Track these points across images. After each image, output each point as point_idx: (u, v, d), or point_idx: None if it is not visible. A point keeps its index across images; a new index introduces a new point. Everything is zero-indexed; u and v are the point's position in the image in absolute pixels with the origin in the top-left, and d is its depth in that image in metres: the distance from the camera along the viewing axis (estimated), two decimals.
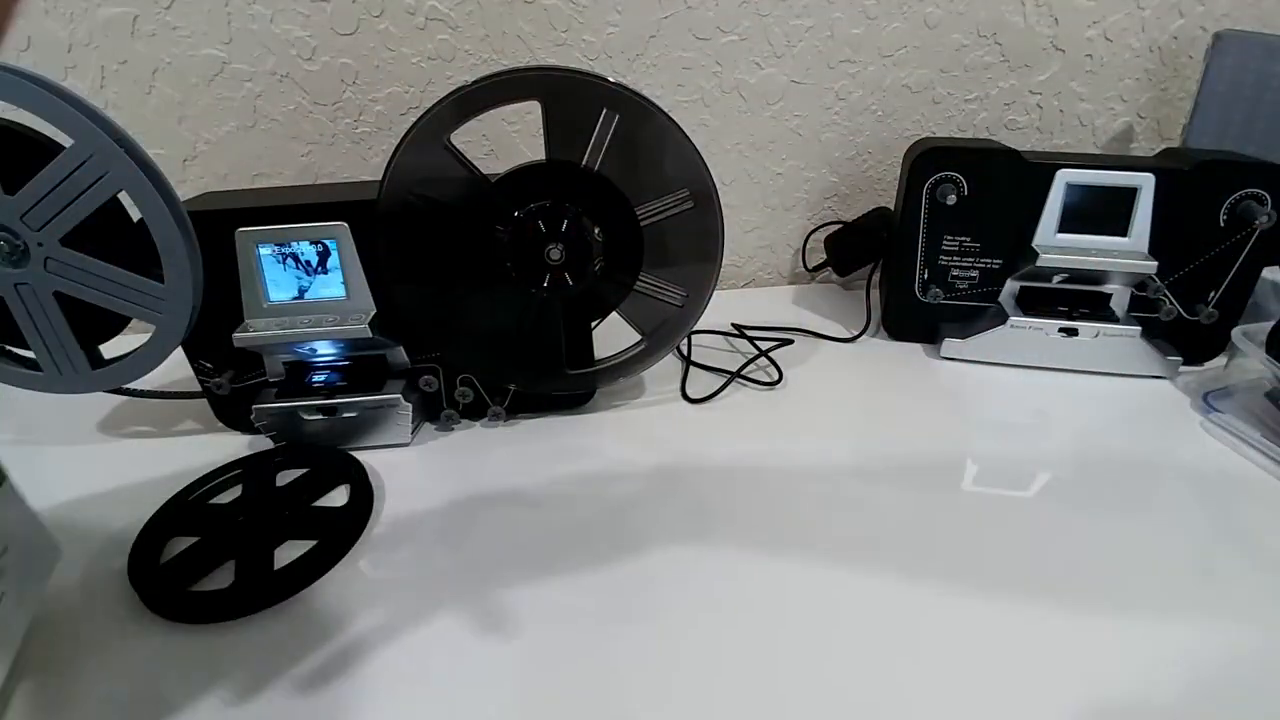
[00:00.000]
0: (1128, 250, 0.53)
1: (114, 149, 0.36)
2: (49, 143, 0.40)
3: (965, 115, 0.70)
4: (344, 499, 0.45)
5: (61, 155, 0.37)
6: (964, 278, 0.59)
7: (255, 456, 0.48)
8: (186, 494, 0.45)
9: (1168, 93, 0.71)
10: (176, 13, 0.57)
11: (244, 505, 0.44)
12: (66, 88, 0.36)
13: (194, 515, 0.44)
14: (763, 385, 0.57)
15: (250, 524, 0.42)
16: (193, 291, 0.41)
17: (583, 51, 0.62)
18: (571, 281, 0.47)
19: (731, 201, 0.71)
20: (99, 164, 0.37)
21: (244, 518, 0.43)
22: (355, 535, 0.42)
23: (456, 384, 0.51)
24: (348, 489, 0.45)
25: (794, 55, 0.65)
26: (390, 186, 0.44)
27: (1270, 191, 0.51)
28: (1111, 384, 0.56)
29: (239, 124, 0.62)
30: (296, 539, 0.41)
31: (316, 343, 0.47)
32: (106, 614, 0.37)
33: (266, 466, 0.47)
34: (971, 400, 0.56)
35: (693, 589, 0.39)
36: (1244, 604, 0.37)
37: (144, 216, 0.39)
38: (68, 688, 0.34)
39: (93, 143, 0.36)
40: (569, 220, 0.45)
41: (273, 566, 0.39)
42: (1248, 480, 0.46)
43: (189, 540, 0.41)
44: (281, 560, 0.40)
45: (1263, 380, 0.52)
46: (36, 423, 0.54)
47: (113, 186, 0.38)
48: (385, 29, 0.59)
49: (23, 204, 0.38)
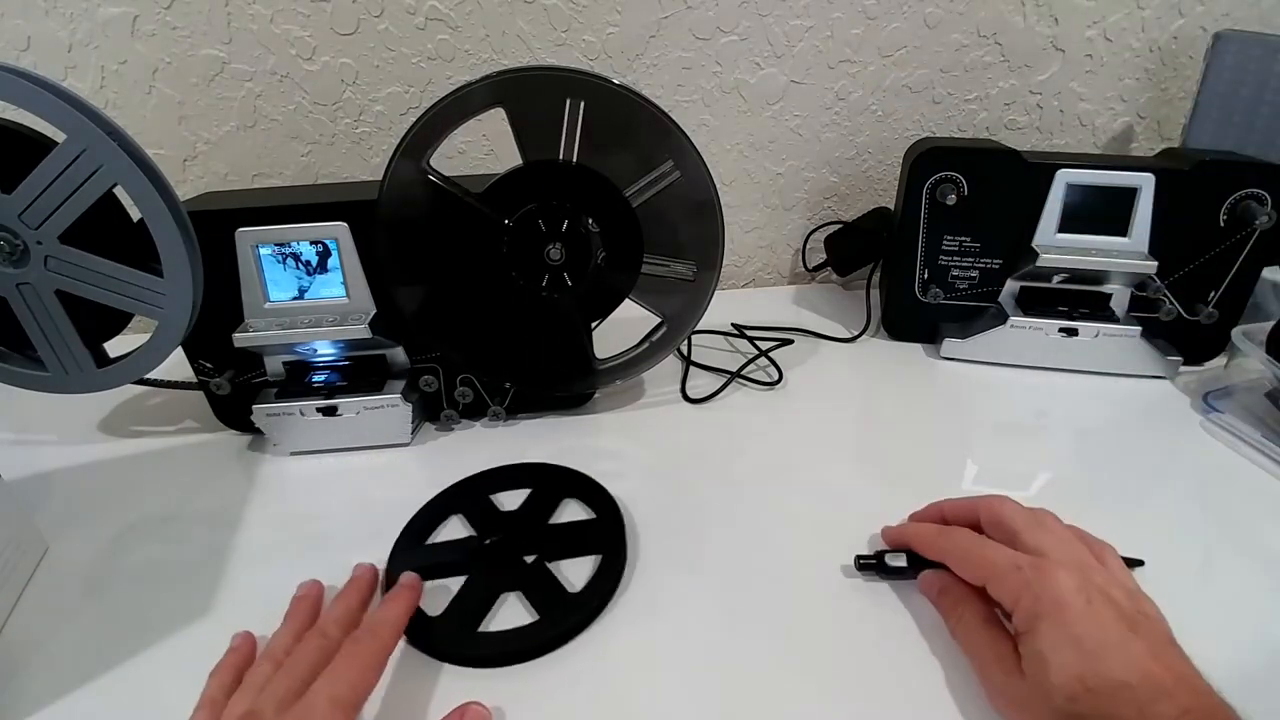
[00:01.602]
0: (1128, 250, 0.53)
1: (107, 142, 0.36)
2: (45, 140, 0.40)
3: (965, 115, 0.70)
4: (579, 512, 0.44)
5: (55, 150, 0.37)
6: (964, 278, 0.59)
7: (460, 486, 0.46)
8: (415, 538, 0.42)
9: (1168, 93, 0.71)
10: (176, 13, 0.57)
11: (484, 537, 0.42)
12: (57, 82, 0.36)
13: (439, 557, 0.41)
14: (763, 385, 0.57)
15: (508, 554, 0.40)
16: (193, 286, 0.41)
17: (583, 51, 0.62)
18: (572, 281, 0.47)
19: (731, 201, 0.71)
20: (92, 158, 0.37)
21: (499, 549, 0.41)
22: (623, 542, 0.41)
23: (456, 384, 0.51)
24: (577, 502, 0.44)
25: (794, 55, 0.65)
26: (390, 188, 0.44)
27: (1270, 191, 0.51)
28: (1111, 384, 0.56)
29: (239, 124, 0.62)
30: (569, 558, 0.40)
31: (316, 343, 0.47)
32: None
33: (479, 494, 0.45)
34: (971, 400, 0.56)
35: (692, 589, 0.39)
36: (1244, 604, 0.37)
37: (140, 210, 0.38)
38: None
39: (85, 137, 0.36)
40: (565, 219, 0.45)
41: (565, 590, 0.38)
42: (1248, 480, 0.46)
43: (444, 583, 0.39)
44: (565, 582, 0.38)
45: (1263, 380, 0.52)
46: (36, 423, 0.54)
47: (108, 180, 0.37)
48: (385, 29, 0.59)
49: (20, 202, 0.38)
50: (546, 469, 0.47)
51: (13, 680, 0.35)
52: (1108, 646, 0.28)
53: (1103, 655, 0.28)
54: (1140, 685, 0.27)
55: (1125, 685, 0.27)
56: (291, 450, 0.50)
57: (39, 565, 0.41)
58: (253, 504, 0.46)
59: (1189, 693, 0.27)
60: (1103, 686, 0.28)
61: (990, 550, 0.34)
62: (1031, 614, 0.30)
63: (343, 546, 0.42)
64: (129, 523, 0.45)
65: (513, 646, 0.35)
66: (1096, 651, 0.28)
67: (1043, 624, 0.30)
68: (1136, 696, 0.27)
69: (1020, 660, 0.30)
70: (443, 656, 0.35)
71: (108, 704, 0.34)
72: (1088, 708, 0.27)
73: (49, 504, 0.46)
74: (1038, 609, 0.30)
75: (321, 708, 0.29)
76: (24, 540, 0.41)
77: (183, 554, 0.43)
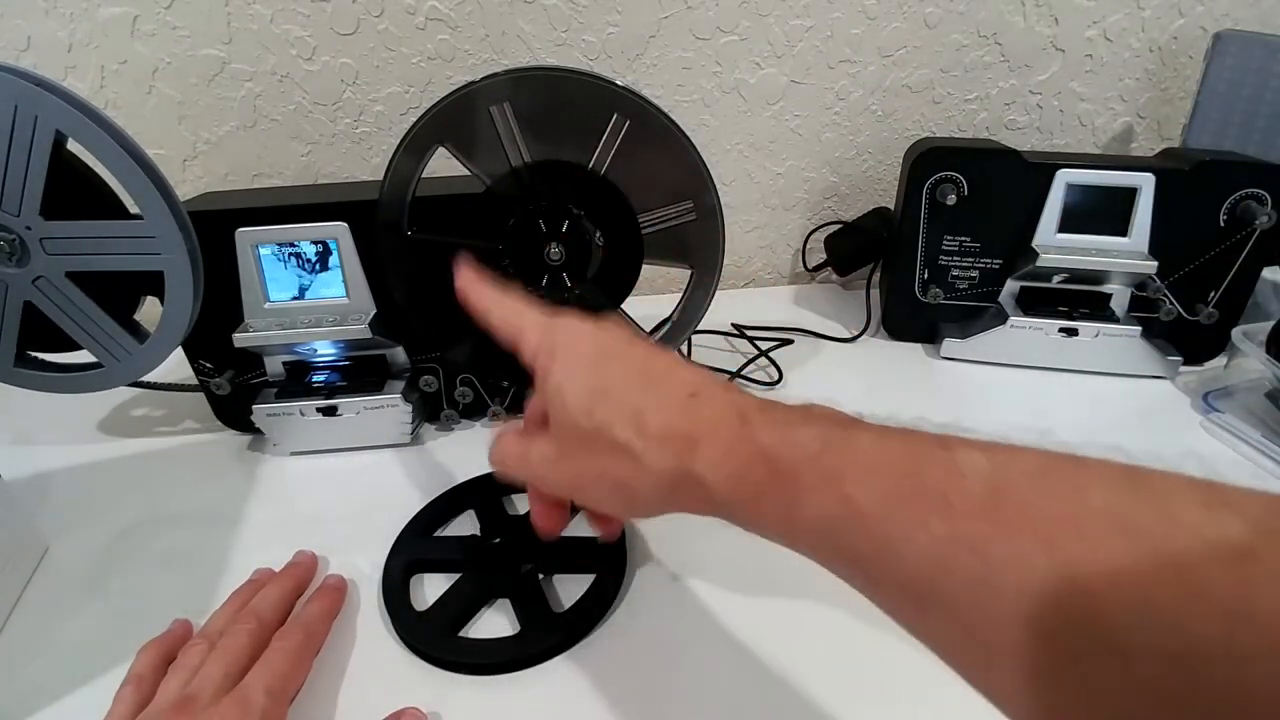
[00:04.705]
0: (1128, 250, 0.53)
1: (35, 91, 0.36)
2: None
3: (965, 115, 0.70)
4: (584, 527, 0.41)
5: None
6: (964, 278, 0.59)
7: (475, 482, 0.46)
8: (422, 528, 0.42)
9: (1168, 93, 0.71)
10: (176, 13, 0.57)
11: (488, 538, 0.41)
12: None
13: (440, 552, 0.41)
14: (763, 385, 0.57)
15: (506, 559, 0.39)
16: (174, 218, 0.39)
17: (583, 51, 0.62)
18: (570, 282, 0.47)
19: (731, 201, 0.71)
20: (27, 112, 0.36)
21: (499, 553, 0.40)
22: (623, 565, 0.39)
23: (456, 384, 0.51)
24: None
25: (794, 55, 0.65)
26: (390, 188, 0.44)
27: (1270, 191, 0.51)
28: (1111, 384, 0.56)
29: (239, 124, 0.62)
30: (564, 573, 0.39)
31: (316, 343, 0.47)
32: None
33: (494, 493, 0.44)
34: (971, 400, 0.55)
35: (691, 589, 0.39)
36: None
37: (89, 150, 0.38)
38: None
39: (12, 92, 0.36)
40: (566, 219, 0.45)
41: (550, 607, 0.37)
42: (1248, 480, 0.46)
43: (440, 577, 0.39)
44: (554, 597, 0.38)
45: (1263, 380, 0.52)
46: (36, 423, 0.54)
47: (49, 127, 0.37)
48: (385, 29, 0.59)
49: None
50: None
51: (13, 680, 0.35)
52: (615, 355, 0.29)
53: (610, 364, 0.28)
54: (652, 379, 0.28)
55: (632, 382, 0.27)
56: (291, 450, 0.50)
57: (39, 565, 0.41)
58: (253, 504, 0.46)
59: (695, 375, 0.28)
60: (613, 387, 0.27)
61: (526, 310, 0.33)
62: (548, 356, 0.29)
63: (342, 546, 0.42)
64: (129, 523, 0.45)
65: (487, 658, 0.35)
66: (605, 363, 0.28)
67: (556, 360, 0.29)
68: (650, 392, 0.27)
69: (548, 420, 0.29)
70: (418, 653, 0.35)
71: (108, 704, 0.33)
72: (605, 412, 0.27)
73: (49, 504, 0.46)
74: (552, 349, 0.29)
75: (257, 699, 0.30)
76: (24, 540, 0.41)
77: (183, 554, 0.43)
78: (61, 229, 0.39)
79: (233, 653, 0.32)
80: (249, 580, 0.39)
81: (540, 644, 0.35)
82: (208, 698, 0.30)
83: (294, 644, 0.34)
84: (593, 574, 0.39)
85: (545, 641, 0.35)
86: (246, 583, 0.39)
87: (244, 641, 0.33)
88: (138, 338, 0.44)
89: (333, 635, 0.36)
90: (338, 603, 0.38)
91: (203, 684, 0.31)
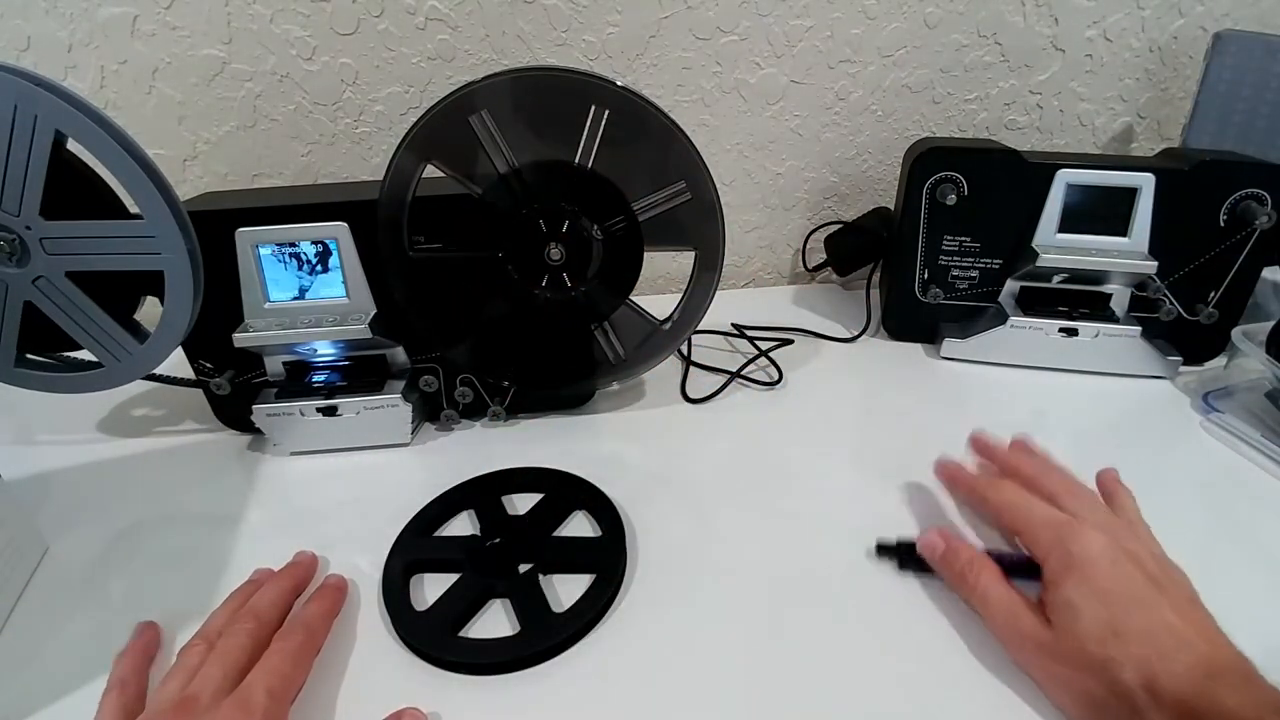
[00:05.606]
0: (1128, 250, 0.53)
1: (35, 91, 0.36)
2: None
3: (965, 115, 0.70)
4: (585, 527, 0.43)
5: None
6: (964, 278, 0.59)
7: (475, 482, 0.46)
8: (422, 528, 0.42)
9: (1168, 93, 0.71)
10: (176, 13, 0.57)
11: (487, 538, 0.41)
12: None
13: (439, 552, 0.41)
14: (763, 385, 0.57)
15: (505, 559, 0.39)
16: (174, 219, 0.39)
17: (583, 51, 0.62)
18: (571, 283, 0.47)
19: (731, 201, 0.71)
20: (27, 112, 0.36)
21: (499, 553, 0.40)
22: (623, 566, 0.39)
23: (456, 384, 0.51)
24: (585, 515, 0.43)
25: (794, 55, 0.65)
26: (390, 188, 0.44)
27: (1270, 191, 0.51)
28: (1111, 384, 0.56)
29: (239, 124, 0.62)
30: (563, 573, 0.39)
31: (316, 343, 0.47)
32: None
33: (493, 493, 0.44)
34: (971, 400, 0.55)
35: (691, 589, 0.39)
36: (1243, 604, 0.37)
37: (89, 150, 0.38)
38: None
39: (12, 92, 0.36)
40: (566, 219, 0.45)
41: (549, 607, 0.37)
42: (1248, 480, 0.46)
43: (439, 577, 0.39)
44: (553, 598, 0.38)
45: (1263, 380, 0.52)
46: (36, 423, 0.54)
47: (49, 127, 0.37)
48: (385, 29, 0.59)
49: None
50: (561, 476, 0.46)
51: (13, 680, 0.35)
52: (1133, 599, 0.31)
53: (1129, 606, 0.30)
54: (1163, 634, 0.29)
55: (1149, 633, 0.29)
56: (291, 450, 0.50)
57: (39, 565, 0.41)
58: (253, 504, 0.46)
59: (1209, 644, 0.29)
60: (1129, 632, 0.29)
61: (1035, 505, 0.36)
62: (1063, 566, 0.32)
63: (342, 546, 0.42)
64: (129, 523, 0.45)
65: (487, 658, 0.35)
66: (1123, 603, 0.30)
67: (1072, 576, 0.32)
68: (1160, 643, 0.29)
69: (1044, 610, 0.32)
70: (418, 653, 0.35)
71: None
72: (1116, 651, 0.29)
73: (49, 504, 0.46)
74: (1069, 562, 0.32)
75: (259, 699, 0.30)
76: (24, 540, 0.41)
77: (182, 554, 0.43)
78: (61, 229, 0.39)
79: (232, 653, 0.32)
80: (248, 580, 0.39)
81: (540, 644, 0.35)
82: (208, 698, 0.30)
83: (295, 644, 0.34)
84: (592, 574, 0.39)
85: (545, 642, 0.35)
86: (245, 583, 0.39)
87: (243, 642, 0.33)
88: (138, 338, 0.44)
89: (333, 635, 0.36)
90: (338, 602, 0.38)
91: (203, 684, 0.31)
